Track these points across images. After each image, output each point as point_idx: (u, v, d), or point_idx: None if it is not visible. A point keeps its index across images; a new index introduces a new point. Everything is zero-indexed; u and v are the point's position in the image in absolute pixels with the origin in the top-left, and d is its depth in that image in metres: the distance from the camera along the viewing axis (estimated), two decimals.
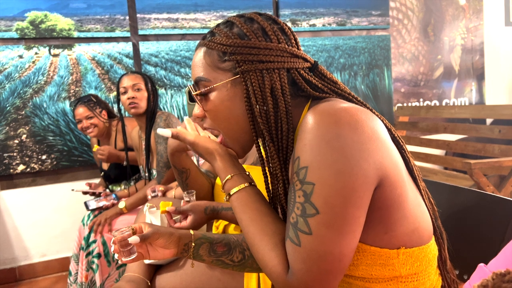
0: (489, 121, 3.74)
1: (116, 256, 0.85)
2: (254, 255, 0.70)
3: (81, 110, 2.23)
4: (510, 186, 2.33)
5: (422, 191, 0.75)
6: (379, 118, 0.71)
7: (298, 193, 0.62)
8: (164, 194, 1.82)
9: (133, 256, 0.84)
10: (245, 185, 0.76)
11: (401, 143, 0.74)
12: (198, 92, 0.75)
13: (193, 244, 0.89)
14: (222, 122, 0.76)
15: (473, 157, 2.70)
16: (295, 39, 0.76)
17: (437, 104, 3.78)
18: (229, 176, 0.77)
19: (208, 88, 0.74)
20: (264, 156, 0.76)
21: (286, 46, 0.73)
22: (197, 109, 0.79)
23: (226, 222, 1.30)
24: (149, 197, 1.81)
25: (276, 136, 0.71)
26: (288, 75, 0.72)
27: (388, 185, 0.63)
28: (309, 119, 0.63)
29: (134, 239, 0.83)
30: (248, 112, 0.72)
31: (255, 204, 0.73)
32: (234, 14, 2.94)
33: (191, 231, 0.91)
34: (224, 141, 0.80)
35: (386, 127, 0.72)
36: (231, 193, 0.76)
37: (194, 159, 1.90)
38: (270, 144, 0.71)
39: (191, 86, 0.77)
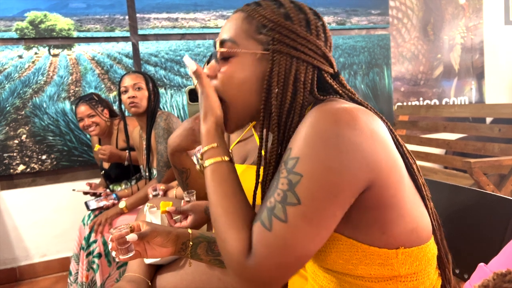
0: (488, 120, 3.74)
1: (113, 253, 0.85)
2: (216, 231, 0.68)
3: (83, 109, 2.23)
4: (510, 185, 2.33)
5: (429, 210, 0.75)
6: (387, 126, 0.71)
7: (282, 181, 0.62)
8: (165, 192, 1.82)
9: (131, 254, 0.84)
10: (227, 158, 0.73)
11: (409, 157, 0.74)
12: (223, 50, 0.74)
13: (190, 243, 0.89)
14: (232, 89, 0.74)
15: (473, 156, 2.70)
16: (330, 43, 0.76)
17: (437, 103, 3.78)
18: (215, 144, 0.74)
19: (235, 51, 0.73)
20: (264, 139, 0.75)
21: (322, 45, 0.73)
22: (209, 68, 0.77)
23: None
24: (150, 195, 1.81)
25: (285, 124, 0.70)
26: (313, 72, 0.72)
27: (380, 186, 0.63)
28: (310, 116, 0.63)
29: (132, 237, 0.83)
30: (265, 91, 0.71)
31: (233, 181, 0.71)
32: None
33: (189, 230, 0.91)
34: (228, 119, 0.77)
35: (392, 135, 0.71)
36: (210, 162, 0.73)
37: (194, 159, 1.90)
38: (275, 129, 0.70)
39: (218, 41, 0.75)
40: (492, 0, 3.92)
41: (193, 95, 1.16)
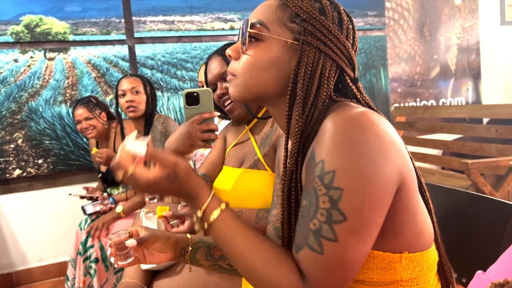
0: (485, 120, 3.74)
1: (112, 259, 0.84)
2: (257, 280, 0.65)
3: (81, 111, 2.23)
4: (508, 186, 2.34)
5: (431, 213, 0.75)
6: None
7: (323, 199, 0.60)
8: (161, 196, 1.80)
9: (130, 260, 0.83)
10: (226, 203, 0.70)
11: (412, 160, 0.74)
12: (254, 32, 0.72)
13: (190, 248, 0.88)
14: (253, 71, 0.73)
15: (470, 156, 2.70)
16: (356, 47, 0.76)
17: (434, 103, 3.79)
18: (211, 192, 0.70)
19: (266, 35, 0.72)
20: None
21: (350, 46, 0.72)
22: (233, 49, 0.76)
23: None
24: (147, 199, 1.78)
25: (306, 117, 0.69)
26: (335, 71, 0.72)
27: (404, 191, 0.64)
28: (332, 123, 0.62)
29: (131, 242, 0.82)
30: (292, 81, 0.70)
31: (243, 223, 0.68)
32: (230, 16, 2.88)
33: (188, 235, 0.90)
34: (233, 83, 0.76)
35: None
36: (217, 214, 0.68)
37: (191, 162, 1.89)
38: (299, 120, 0.69)
39: (249, 22, 0.73)
40: (487, 1, 3.93)
41: (190, 99, 1.16)
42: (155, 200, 1.75)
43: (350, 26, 0.74)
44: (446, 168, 3.30)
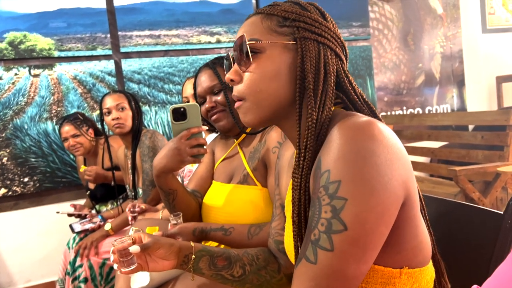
0: (471, 127, 3.80)
1: (115, 266, 0.83)
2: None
3: (67, 128, 2.20)
4: (496, 192, 2.36)
5: (428, 225, 0.75)
6: None
7: (325, 209, 0.59)
8: (144, 211, 1.74)
9: (133, 267, 0.82)
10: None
11: None
12: (249, 47, 0.71)
13: (193, 256, 0.87)
14: (263, 84, 0.71)
15: (457, 163, 2.73)
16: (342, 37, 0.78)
17: (420, 111, 3.83)
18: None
19: (263, 44, 0.71)
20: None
21: (340, 35, 0.75)
22: (233, 73, 0.74)
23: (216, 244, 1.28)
24: (127, 210, 1.72)
25: (318, 108, 0.68)
26: (335, 59, 0.72)
27: (409, 204, 0.63)
28: (340, 133, 0.61)
29: (135, 248, 0.80)
30: (299, 78, 0.69)
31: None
32: (216, 29, 2.87)
33: (192, 243, 0.89)
34: (244, 108, 0.74)
35: None
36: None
37: (179, 179, 1.87)
38: (313, 112, 0.68)
39: (241, 38, 0.72)
40: (469, 10, 4.02)
41: (177, 114, 1.15)
42: (136, 214, 1.70)
43: (330, 17, 0.76)
44: (435, 175, 3.33)
